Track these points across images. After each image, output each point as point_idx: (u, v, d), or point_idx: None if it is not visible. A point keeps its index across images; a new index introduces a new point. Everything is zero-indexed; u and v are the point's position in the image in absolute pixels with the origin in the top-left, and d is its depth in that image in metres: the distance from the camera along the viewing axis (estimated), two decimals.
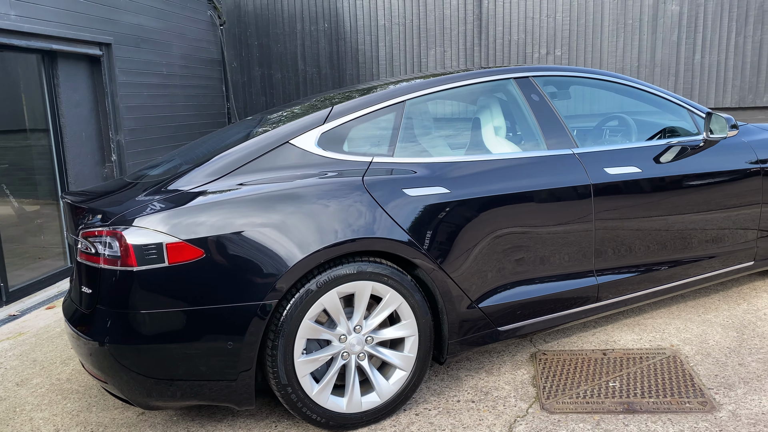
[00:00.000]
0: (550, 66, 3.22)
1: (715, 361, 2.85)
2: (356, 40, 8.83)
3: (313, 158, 2.61)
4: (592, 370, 2.87)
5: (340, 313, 2.48)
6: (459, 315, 2.71)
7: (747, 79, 8.29)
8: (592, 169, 2.95)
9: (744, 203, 3.33)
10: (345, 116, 2.73)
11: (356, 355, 2.55)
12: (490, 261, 2.74)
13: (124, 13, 6.60)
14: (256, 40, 9.11)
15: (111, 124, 6.39)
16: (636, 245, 3.07)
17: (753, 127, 3.58)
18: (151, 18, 7.15)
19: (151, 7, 7.16)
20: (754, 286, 3.78)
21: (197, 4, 8.42)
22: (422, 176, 2.66)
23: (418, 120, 2.89)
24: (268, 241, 2.33)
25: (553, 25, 8.41)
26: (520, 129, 3.05)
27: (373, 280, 2.50)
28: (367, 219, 2.48)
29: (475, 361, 3.08)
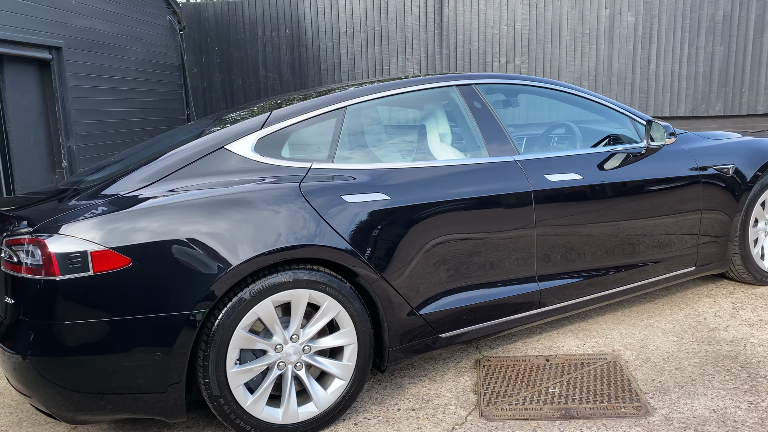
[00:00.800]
0: (495, 74, 3.24)
1: (653, 365, 2.89)
2: (318, 46, 8.80)
3: (249, 164, 2.57)
4: (533, 377, 2.87)
5: (275, 323, 2.44)
6: (400, 322, 2.69)
7: (700, 89, 8.51)
8: (533, 175, 2.97)
9: (684, 210, 3.39)
10: (284, 121, 2.69)
11: (293, 365, 2.51)
12: (431, 268, 2.73)
13: (75, 17, 6.47)
14: (217, 46, 9.02)
15: (61, 130, 6.24)
16: (578, 251, 3.10)
17: (693, 135, 3.66)
18: (105, 22, 7.02)
19: (105, 11, 7.03)
20: (697, 291, 3.85)
21: (156, 8, 8.30)
22: (362, 182, 2.64)
23: (360, 126, 2.87)
24: (198, 249, 2.28)
25: (513, 35, 8.52)
26: (462, 136, 3.06)
27: (310, 288, 2.46)
28: (303, 226, 2.44)
29: (419, 368, 3.06)
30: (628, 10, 8.41)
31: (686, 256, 3.48)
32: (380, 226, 2.61)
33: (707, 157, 3.52)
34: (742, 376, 2.72)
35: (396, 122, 3.04)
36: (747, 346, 3.02)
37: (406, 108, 3.05)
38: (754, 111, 8.54)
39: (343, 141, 2.76)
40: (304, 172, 2.60)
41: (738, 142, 3.69)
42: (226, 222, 2.33)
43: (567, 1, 8.42)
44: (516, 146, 3.04)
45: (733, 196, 3.55)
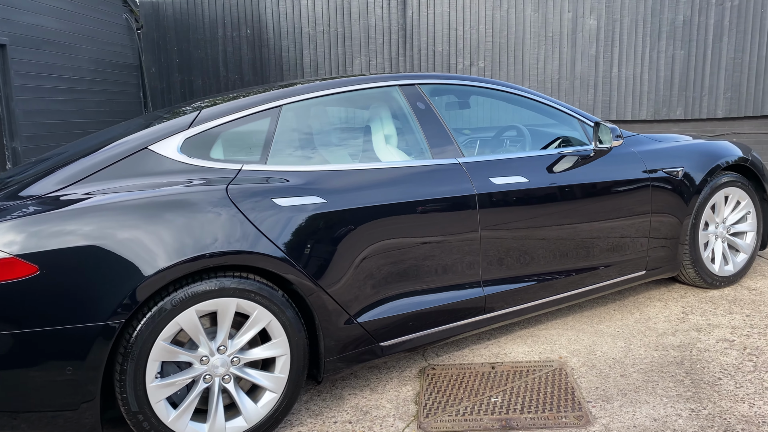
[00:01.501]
0: (441, 74, 3.15)
1: (598, 372, 2.82)
2: (280, 47, 8.66)
3: (175, 165, 2.44)
4: (477, 385, 2.79)
5: (200, 333, 2.30)
6: (337, 331, 2.58)
7: (661, 92, 8.58)
8: (477, 178, 2.89)
9: (634, 213, 3.35)
10: (213, 121, 2.57)
11: (220, 378, 2.38)
12: (370, 274, 2.63)
13: (21, 13, 6.22)
14: (176, 46, 8.81)
15: (5, 130, 5.99)
16: (525, 256, 3.02)
17: (643, 137, 3.62)
18: (54, 19, 6.78)
19: (54, 8, 6.78)
20: (649, 295, 3.82)
21: (111, 6, 8.07)
22: (296, 185, 2.52)
23: (296, 126, 2.76)
24: (115, 255, 2.13)
25: (477, 37, 8.49)
26: (404, 137, 2.96)
27: (237, 297, 2.34)
28: (229, 231, 2.31)
29: (361, 378, 2.95)
30: (590, 14, 8.44)
31: (636, 260, 3.44)
32: (315, 231, 2.50)
33: (657, 160, 3.48)
34: (685, 383, 2.67)
35: (335, 122, 2.92)
36: (693, 352, 2.98)
37: (347, 108, 2.94)
38: (714, 115, 8.64)
39: (277, 141, 2.64)
40: (233, 173, 2.48)
41: (687, 145, 3.67)
42: (145, 227, 2.19)
43: (530, 4, 8.41)
44: (461, 149, 2.96)
45: (683, 200, 3.52)
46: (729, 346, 3.02)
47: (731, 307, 3.51)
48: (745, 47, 8.49)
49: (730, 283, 3.85)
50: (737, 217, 3.85)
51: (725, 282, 3.82)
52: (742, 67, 8.52)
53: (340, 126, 2.93)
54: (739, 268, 3.86)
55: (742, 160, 3.78)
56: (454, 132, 3.19)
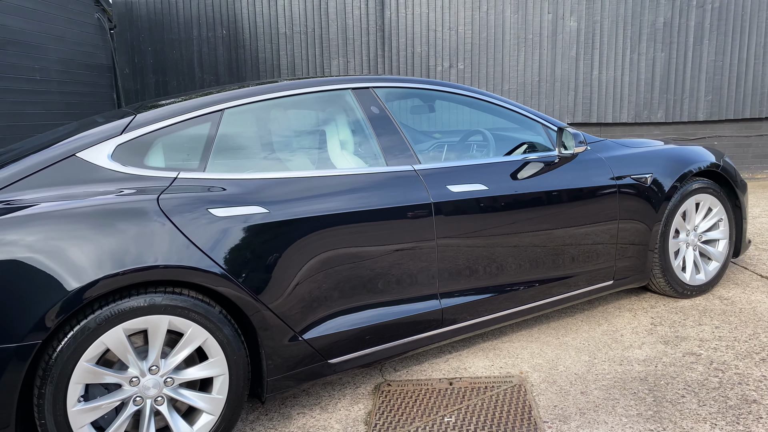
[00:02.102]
0: (397, 77, 3.02)
1: (558, 389, 2.70)
2: (256, 48, 8.51)
3: (105, 174, 2.29)
4: (432, 403, 2.66)
5: (128, 353, 2.16)
6: (281, 349, 2.44)
7: (642, 95, 8.50)
8: (434, 186, 2.76)
9: (600, 221, 3.23)
10: (149, 126, 2.42)
11: (152, 400, 2.23)
12: (316, 288, 2.49)
13: None
14: (150, 46, 8.64)
15: None
16: (485, 266, 2.90)
17: (612, 143, 3.51)
18: (19, 19, 6.60)
19: (19, 7, 6.60)
20: (619, 305, 3.70)
21: (82, 6, 7.89)
22: (236, 194, 2.38)
23: (239, 131, 2.61)
24: (30, 270, 1.98)
25: (456, 39, 8.38)
26: (356, 143, 2.83)
27: (169, 314, 2.20)
28: (160, 244, 2.17)
29: (313, 395, 2.81)
30: (570, 15, 8.35)
31: (603, 270, 3.32)
32: (256, 243, 2.36)
33: (625, 166, 3.37)
34: (647, 401, 2.55)
35: (282, 128, 2.78)
36: (658, 366, 2.86)
37: (296, 112, 2.81)
38: (694, 118, 8.58)
39: (218, 148, 2.49)
40: (168, 182, 2.33)
41: (657, 151, 3.56)
42: (65, 240, 2.04)
43: (510, 5, 8.32)
44: (417, 155, 2.83)
45: (652, 207, 3.41)
46: (695, 360, 2.90)
47: (701, 318, 3.41)
48: (726, 50, 8.43)
49: (701, 293, 3.75)
50: (709, 225, 3.74)
51: (697, 291, 3.72)
52: (723, 70, 8.46)
53: (288, 131, 2.79)
54: (711, 276, 3.76)
55: (713, 166, 3.68)
56: (414, 137, 3.06)
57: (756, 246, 4.83)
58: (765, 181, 8.50)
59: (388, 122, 2.82)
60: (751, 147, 8.71)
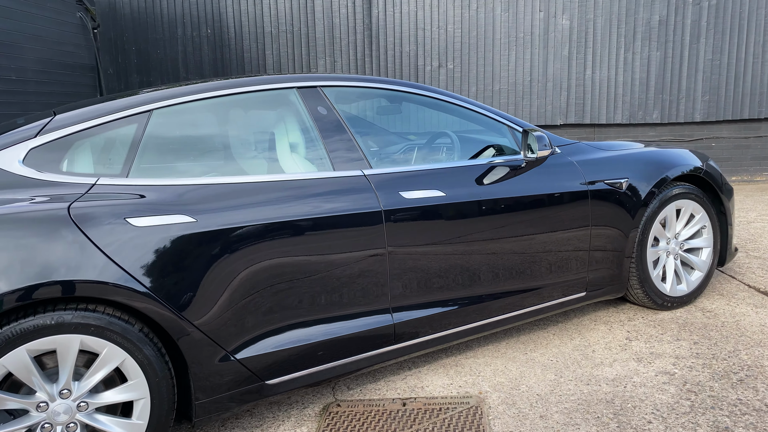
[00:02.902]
0: (348, 76, 2.83)
1: (517, 412, 2.50)
2: (242, 47, 8.33)
3: (15, 179, 2.11)
4: (381, 426, 2.46)
5: (33, 376, 1.98)
6: (210, 369, 2.25)
7: (636, 95, 8.28)
8: (385, 193, 2.57)
9: (570, 229, 3.03)
10: (67, 128, 2.24)
11: (63, 426, 2.05)
12: (250, 304, 2.30)
13: None
14: (134, 46, 8.48)
15: None
16: (441, 278, 2.70)
17: (585, 145, 3.30)
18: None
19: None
20: (595, 317, 3.50)
21: (62, 4, 7.72)
22: (160, 201, 2.20)
23: (169, 134, 2.43)
24: None
25: (445, 38, 8.18)
26: (299, 146, 2.64)
27: (81, 333, 2.01)
28: (67, 257, 1.98)
29: (256, 417, 2.63)
30: (562, 14, 8.14)
31: (574, 281, 3.12)
32: (180, 255, 2.17)
33: (598, 171, 3.17)
34: (611, 426, 2.35)
35: (218, 130, 2.59)
36: (628, 387, 2.66)
37: (234, 113, 2.62)
38: (691, 119, 8.35)
39: (143, 152, 2.31)
40: (84, 189, 2.15)
41: (634, 154, 3.35)
42: None
43: (500, 3, 8.11)
44: (368, 159, 2.63)
45: (628, 214, 3.21)
46: (668, 380, 2.70)
47: (680, 333, 3.20)
48: (723, 48, 8.20)
49: (683, 304, 3.54)
50: (691, 232, 3.53)
51: (678, 303, 3.51)
52: (721, 69, 8.23)
53: (224, 134, 2.60)
54: (694, 287, 3.55)
55: (696, 170, 3.47)
56: (373, 140, 2.87)
57: (747, 253, 4.61)
58: (764, 184, 8.26)
59: (337, 124, 2.63)
60: (749, 149, 8.47)
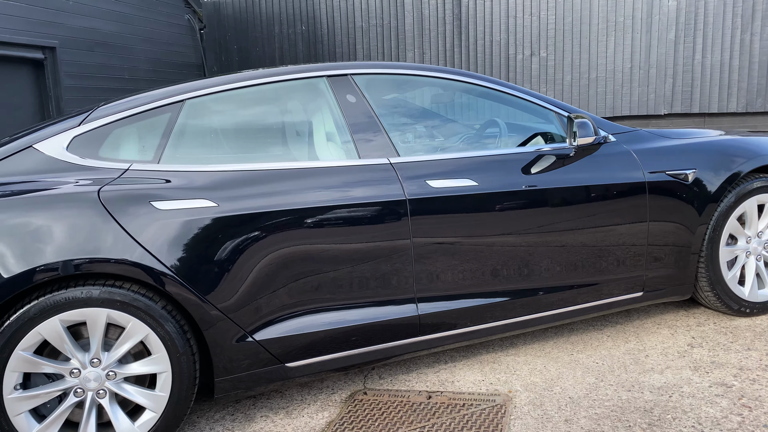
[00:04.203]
0: (383, 63, 2.81)
1: (542, 414, 2.36)
2: (333, 42, 8.53)
3: (60, 165, 2.31)
4: (398, 418, 2.43)
5: (66, 344, 2.16)
6: (230, 349, 2.34)
7: (755, 81, 7.49)
8: (410, 181, 2.52)
9: (621, 222, 2.81)
10: (106, 117, 2.42)
11: (94, 392, 2.22)
12: (270, 287, 2.36)
13: (72, 17, 6.53)
14: (236, 44, 8.96)
15: None
16: (470, 272, 2.61)
17: (646, 133, 3.04)
18: (107, 22, 7.07)
19: (108, 11, 7.08)
20: (659, 320, 3.22)
21: (172, 8, 8.34)
22: (185, 187, 2.31)
23: (200, 122, 2.54)
24: None
25: (538, 25, 7.86)
26: (326, 134, 2.65)
27: (107, 307, 2.17)
28: (95, 236, 2.15)
29: (285, 398, 2.70)
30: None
31: (629, 279, 2.89)
32: (202, 238, 2.27)
33: (659, 161, 2.90)
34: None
35: (247, 118, 2.66)
36: (674, 396, 2.42)
37: (265, 102, 2.67)
38: None
39: (175, 139, 2.44)
40: (118, 174, 2.31)
41: (705, 142, 3.03)
42: (2, 229, 2.08)
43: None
44: (395, 147, 2.60)
45: (695, 209, 2.91)
46: (723, 392, 2.43)
47: (753, 342, 2.86)
48: None
49: (766, 311, 3.16)
50: None
51: (759, 309, 3.14)
52: None
53: (252, 122, 2.67)
54: None
55: None
56: (408, 127, 2.84)
57: None
58: None
59: (365, 111, 2.62)
60: None
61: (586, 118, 2.73)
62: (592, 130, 2.71)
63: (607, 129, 2.94)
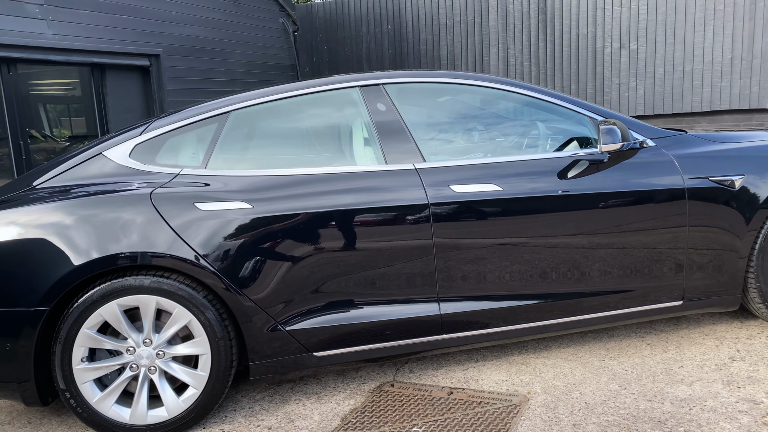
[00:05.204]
0: (416, 72, 2.92)
1: (552, 417, 2.41)
2: (418, 40, 8.67)
3: (123, 170, 2.67)
4: (416, 411, 2.58)
5: (122, 325, 2.50)
6: (261, 337, 2.59)
7: None
8: (433, 186, 2.64)
9: (655, 229, 2.75)
10: (163, 127, 2.74)
11: (146, 368, 2.56)
12: (299, 283, 2.59)
13: (174, 26, 7.16)
14: (326, 45, 9.34)
15: None
16: (492, 275, 2.68)
17: (692, 136, 2.93)
18: (207, 29, 7.67)
19: (208, 19, 7.67)
20: (708, 330, 3.10)
21: (267, 13, 8.85)
22: (224, 190, 2.59)
23: (242, 132, 2.80)
24: (43, 249, 2.43)
25: (628, 16, 7.54)
26: (355, 141, 2.82)
27: (157, 295, 2.49)
28: (146, 233, 2.47)
29: (320, 384, 2.92)
30: None
31: (665, 287, 2.82)
32: (236, 237, 2.53)
33: (703, 166, 2.81)
34: None
35: (283, 127, 2.88)
36: (694, 410, 2.37)
37: (301, 112, 2.88)
38: None
39: (220, 147, 2.72)
40: (170, 178, 2.62)
41: (758, 147, 2.88)
42: (72, 224, 2.45)
43: None
44: (421, 153, 2.72)
45: (743, 217, 2.79)
46: (747, 409, 2.34)
47: None
48: None
49: None
50: None
51: None
52: None
53: (288, 131, 2.90)
54: None
55: None
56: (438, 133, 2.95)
57: None
58: None
59: (393, 119, 2.76)
60: None
61: (616, 123, 2.70)
62: (619, 137, 2.67)
63: (647, 133, 2.88)
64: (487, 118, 3.02)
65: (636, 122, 2.92)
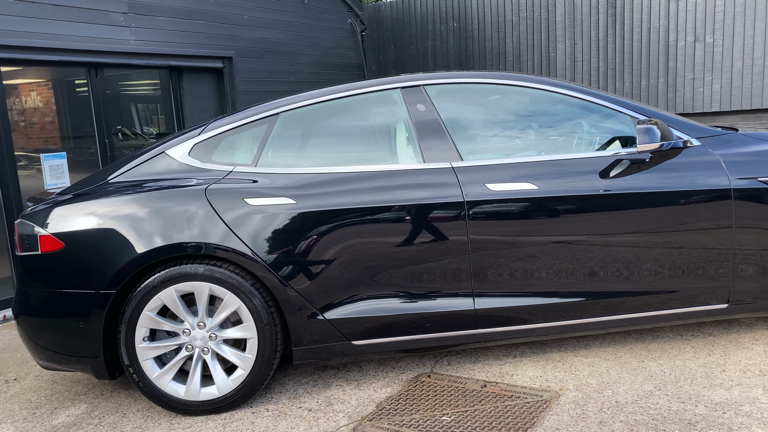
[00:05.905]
0: (457, 73, 3.00)
1: (579, 413, 2.44)
2: (483, 37, 8.65)
3: (182, 167, 2.91)
4: (448, 401, 2.67)
5: (179, 309, 2.74)
6: (303, 323, 2.76)
7: None
8: (469, 184, 2.72)
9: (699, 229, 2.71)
10: (219, 128, 2.96)
11: (200, 349, 2.79)
12: (339, 275, 2.74)
13: (246, 29, 7.51)
14: (392, 44, 9.48)
15: None
16: (526, 272, 2.73)
17: (742, 136, 2.85)
18: (277, 31, 7.98)
19: (278, 21, 7.98)
20: (760, 335, 3.00)
21: (336, 14, 9.09)
22: (271, 186, 2.77)
23: (290, 132, 2.98)
24: (110, 239, 2.71)
25: (704, 7, 7.22)
26: (396, 141, 2.93)
27: (209, 282, 2.71)
28: (200, 225, 2.69)
29: (362, 372, 3.07)
30: None
31: (710, 289, 2.77)
32: (281, 230, 2.72)
33: (753, 166, 2.73)
34: None
35: (328, 128, 3.03)
36: (728, 414, 2.33)
37: (345, 113, 3.02)
38: None
39: (269, 146, 2.91)
40: (223, 175, 2.84)
41: None
42: (140, 216, 2.71)
43: None
44: (459, 152, 2.81)
45: None
46: None
47: None
48: None
49: None
50: None
51: None
52: None
53: (331, 131, 3.05)
54: None
55: None
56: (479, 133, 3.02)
57: None
58: None
59: (432, 119, 2.86)
60: None
61: (656, 123, 2.67)
62: (657, 136, 2.64)
63: (693, 133, 2.83)
64: (526, 118, 3.06)
65: (682, 121, 2.87)
